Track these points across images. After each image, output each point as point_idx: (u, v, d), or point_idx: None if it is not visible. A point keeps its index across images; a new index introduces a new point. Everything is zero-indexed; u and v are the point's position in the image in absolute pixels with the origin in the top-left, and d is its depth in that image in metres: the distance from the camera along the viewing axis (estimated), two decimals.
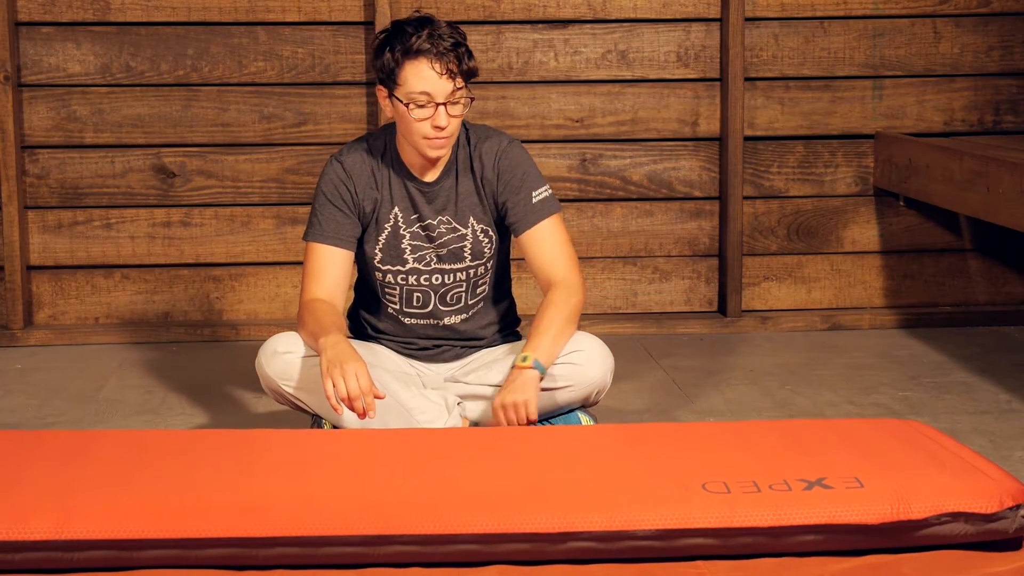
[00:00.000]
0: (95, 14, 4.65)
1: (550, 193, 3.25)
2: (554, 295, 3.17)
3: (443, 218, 3.24)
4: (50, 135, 4.69)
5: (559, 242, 3.24)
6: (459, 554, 2.47)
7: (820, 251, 4.92)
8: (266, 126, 4.73)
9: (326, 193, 3.22)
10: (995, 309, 4.92)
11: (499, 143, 3.25)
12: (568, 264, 3.22)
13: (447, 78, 3.07)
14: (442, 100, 3.08)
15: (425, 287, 3.27)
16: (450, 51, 3.08)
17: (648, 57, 4.80)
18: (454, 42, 3.09)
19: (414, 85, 3.08)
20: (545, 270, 3.22)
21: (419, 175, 3.23)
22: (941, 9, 4.84)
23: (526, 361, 3.08)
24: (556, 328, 3.12)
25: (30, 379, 4.25)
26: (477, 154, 3.23)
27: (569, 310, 3.15)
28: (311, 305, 3.16)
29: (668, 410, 3.86)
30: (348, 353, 2.99)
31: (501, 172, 3.23)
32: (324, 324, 3.08)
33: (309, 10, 4.70)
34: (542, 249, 3.23)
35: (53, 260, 4.74)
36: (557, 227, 3.24)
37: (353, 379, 2.93)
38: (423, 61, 3.07)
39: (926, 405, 3.89)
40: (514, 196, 3.22)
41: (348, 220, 3.21)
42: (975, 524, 2.51)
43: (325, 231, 3.21)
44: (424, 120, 3.10)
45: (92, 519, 2.42)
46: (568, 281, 3.20)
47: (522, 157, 3.25)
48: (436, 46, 3.07)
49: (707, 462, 2.67)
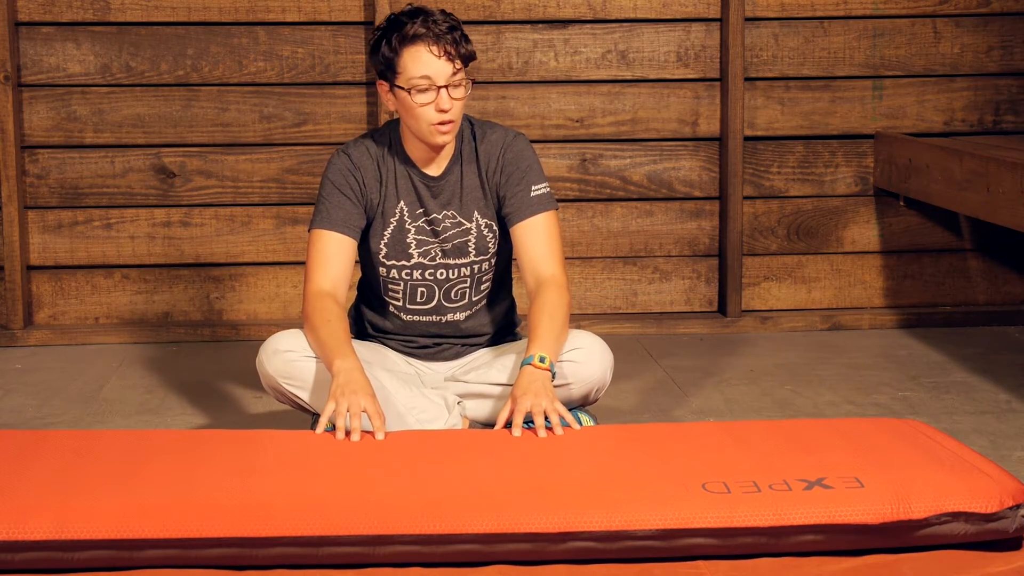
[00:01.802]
0: (95, 14, 4.65)
1: (549, 191, 3.25)
2: (549, 295, 3.14)
3: (448, 212, 3.24)
4: (50, 135, 4.69)
5: (552, 238, 3.22)
6: (459, 554, 2.47)
7: (820, 251, 4.92)
8: (266, 126, 4.73)
9: (334, 182, 3.21)
10: (995, 309, 4.92)
11: (505, 136, 3.25)
12: (559, 263, 3.21)
13: (446, 59, 3.08)
14: (443, 83, 3.08)
15: (430, 282, 3.27)
16: (446, 34, 3.09)
17: (648, 57, 4.80)
18: (449, 26, 3.10)
19: (414, 70, 3.08)
20: (535, 263, 3.19)
21: (424, 169, 3.23)
22: (941, 9, 4.84)
23: (543, 362, 3.01)
24: (558, 328, 3.10)
25: (30, 379, 4.25)
26: (483, 147, 3.24)
27: (564, 311, 3.14)
28: (320, 304, 3.12)
29: (668, 410, 3.86)
30: (361, 383, 2.94)
31: (505, 164, 3.23)
32: (339, 339, 3.04)
33: (309, 10, 4.70)
34: (534, 242, 3.21)
35: (53, 260, 4.74)
36: (552, 224, 3.24)
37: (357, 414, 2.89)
38: (420, 46, 3.08)
39: (926, 405, 3.89)
40: (514, 187, 3.22)
41: (356, 209, 3.20)
42: (975, 524, 2.51)
43: (333, 218, 3.18)
44: (427, 105, 3.09)
45: (92, 519, 2.42)
46: (559, 281, 3.18)
47: (527, 151, 3.25)
48: (432, 30, 3.08)
49: (707, 462, 2.67)
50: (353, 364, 2.98)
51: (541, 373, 2.99)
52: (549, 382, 2.98)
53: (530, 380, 2.98)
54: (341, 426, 2.88)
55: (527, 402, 2.93)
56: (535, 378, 2.98)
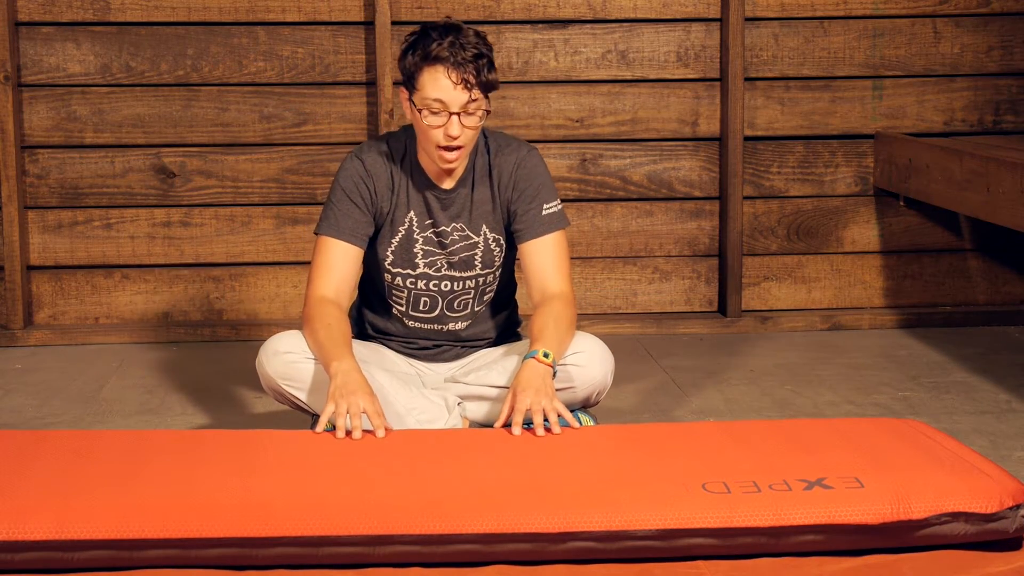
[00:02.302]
0: (95, 14, 4.65)
1: (560, 209, 3.24)
2: (556, 304, 3.13)
3: (456, 225, 3.23)
4: (50, 135, 4.69)
5: (561, 257, 3.22)
6: (459, 554, 2.47)
7: (820, 251, 4.92)
8: (266, 126, 4.73)
9: (345, 188, 3.19)
10: (995, 309, 4.92)
11: (519, 153, 3.22)
12: (567, 281, 3.20)
13: (463, 88, 3.04)
14: (456, 110, 3.05)
15: (434, 292, 3.27)
16: (469, 62, 3.03)
17: (648, 57, 4.80)
18: (476, 53, 3.04)
19: (429, 92, 3.06)
20: (543, 281, 3.19)
21: (436, 181, 3.21)
22: (941, 9, 4.84)
23: (547, 357, 2.99)
24: (562, 332, 3.10)
25: (30, 379, 4.25)
26: (497, 163, 3.21)
27: (570, 320, 3.13)
28: (321, 309, 3.11)
29: (668, 410, 3.86)
30: (359, 383, 2.94)
31: (517, 181, 3.21)
32: (337, 342, 3.03)
33: (309, 10, 4.70)
34: (544, 260, 3.20)
35: (53, 260, 4.74)
36: (561, 243, 3.23)
37: (357, 415, 2.88)
38: (440, 69, 3.04)
39: (926, 405, 3.89)
40: (525, 205, 3.21)
41: (364, 218, 3.19)
42: (975, 524, 2.51)
43: (341, 226, 3.17)
44: (437, 128, 3.07)
45: (92, 519, 2.42)
46: (567, 296, 3.17)
47: (540, 168, 3.23)
48: (455, 55, 3.02)
49: (707, 462, 2.67)
50: (350, 365, 2.98)
51: (543, 368, 2.99)
52: (550, 378, 2.98)
53: (531, 375, 2.97)
54: (341, 426, 2.88)
55: (526, 399, 2.92)
56: (536, 373, 2.98)
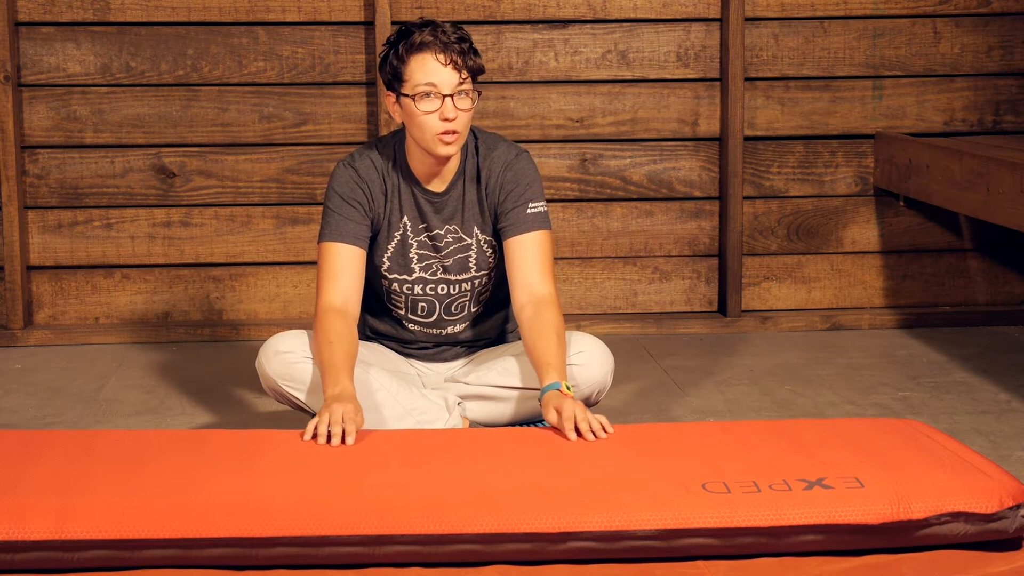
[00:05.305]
0: (95, 14, 4.65)
1: (546, 211, 3.23)
2: (550, 315, 3.10)
3: (450, 227, 3.23)
4: (50, 135, 4.69)
5: (546, 257, 3.20)
6: (459, 554, 2.47)
7: (820, 251, 4.92)
8: (266, 126, 4.73)
9: (342, 194, 3.18)
10: (995, 309, 4.92)
11: (508, 154, 3.23)
12: (551, 281, 3.18)
13: (452, 68, 3.06)
14: (448, 92, 3.07)
15: (431, 296, 3.27)
16: (454, 43, 3.08)
17: (648, 57, 4.80)
18: (458, 37, 3.09)
19: (420, 77, 3.07)
20: (529, 280, 3.16)
21: (428, 185, 3.21)
22: (941, 9, 4.84)
23: (570, 390, 2.96)
24: (563, 347, 3.09)
25: (30, 379, 4.25)
26: (486, 164, 3.22)
27: (564, 329, 3.13)
28: (326, 323, 3.07)
29: (668, 410, 3.86)
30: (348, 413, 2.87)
31: (505, 182, 3.21)
32: (336, 366, 2.98)
33: (309, 10, 4.70)
34: (530, 259, 3.18)
35: (53, 260, 4.74)
36: (546, 243, 3.21)
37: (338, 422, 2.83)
38: (427, 54, 3.07)
39: (926, 405, 3.89)
40: (512, 203, 3.20)
41: (364, 220, 3.19)
42: (975, 524, 2.51)
43: (343, 230, 3.16)
44: (432, 113, 3.07)
45: (92, 519, 2.42)
46: (553, 299, 3.15)
47: (528, 169, 3.23)
48: (439, 39, 3.07)
49: (707, 462, 2.67)
50: (343, 392, 2.93)
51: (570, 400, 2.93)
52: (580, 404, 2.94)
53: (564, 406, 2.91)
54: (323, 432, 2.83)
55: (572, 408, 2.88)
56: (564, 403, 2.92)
